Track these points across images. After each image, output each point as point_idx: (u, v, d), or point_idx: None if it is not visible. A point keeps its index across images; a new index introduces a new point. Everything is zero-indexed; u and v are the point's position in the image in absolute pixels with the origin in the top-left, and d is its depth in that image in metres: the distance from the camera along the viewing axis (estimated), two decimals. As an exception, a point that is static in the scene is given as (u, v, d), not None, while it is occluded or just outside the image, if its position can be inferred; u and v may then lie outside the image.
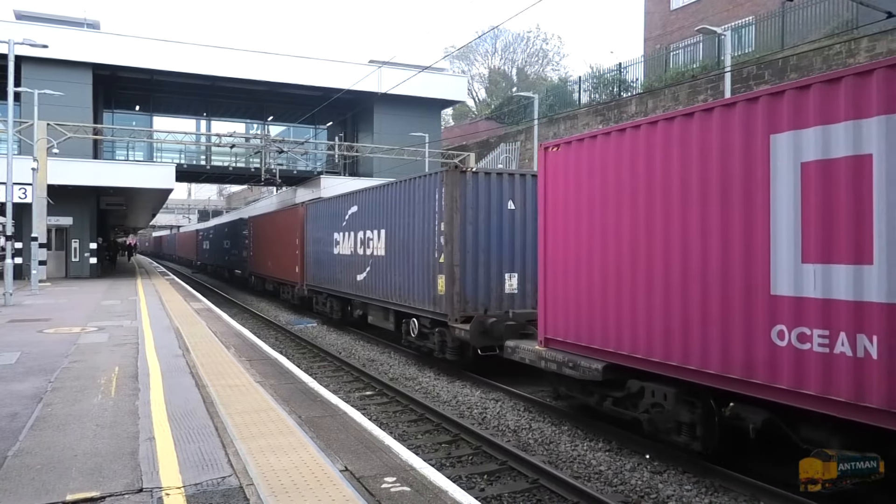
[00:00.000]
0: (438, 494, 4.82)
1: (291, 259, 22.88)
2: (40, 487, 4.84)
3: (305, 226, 21.41)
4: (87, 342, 11.65)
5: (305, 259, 21.35)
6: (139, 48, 30.03)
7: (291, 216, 23.48)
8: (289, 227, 23.61)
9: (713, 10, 28.51)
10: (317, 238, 20.07)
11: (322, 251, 19.45)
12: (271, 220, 27.68)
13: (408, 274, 13.47)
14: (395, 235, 14.14)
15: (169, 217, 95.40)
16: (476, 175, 11.89)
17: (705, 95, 22.26)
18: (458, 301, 11.69)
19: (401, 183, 14.05)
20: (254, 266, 30.56)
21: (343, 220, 17.48)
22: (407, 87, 27.03)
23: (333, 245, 18.25)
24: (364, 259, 15.85)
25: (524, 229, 12.01)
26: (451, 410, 10.15)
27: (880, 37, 17.55)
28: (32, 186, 23.56)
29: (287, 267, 23.62)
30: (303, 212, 21.91)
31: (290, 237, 23.10)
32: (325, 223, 19.23)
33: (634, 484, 7.11)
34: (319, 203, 20.54)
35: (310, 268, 20.89)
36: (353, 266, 16.69)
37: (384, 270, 14.72)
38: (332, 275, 18.46)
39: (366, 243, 15.75)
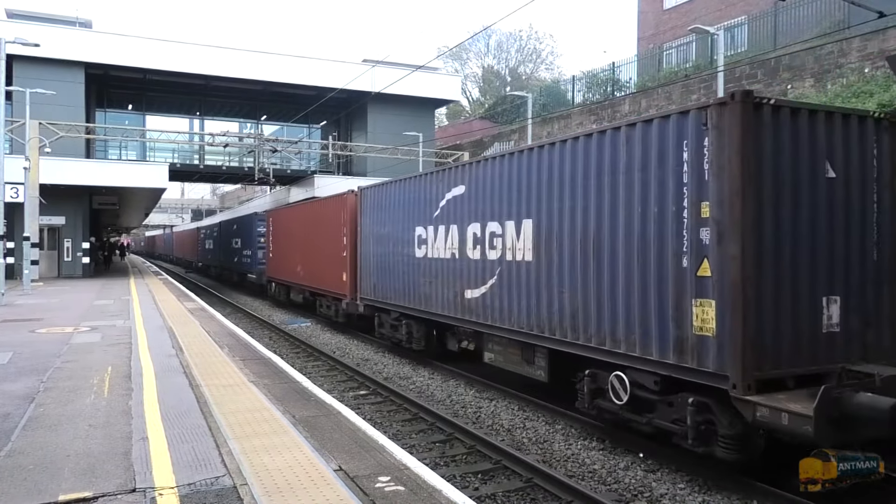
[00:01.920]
0: (433, 494, 4.82)
1: (335, 263, 17.63)
2: (32, 488, 4.82)
3: (360, 219, 16.03)
4: (80, 342, 11.60)
5: (360, 264, 15.93)
6: (132, 47, 29.90)
7: (335, 207, 17.90)
8: (330, 222, 18.24)
9: (706, 9, 28.59)
10: (381, 235, 14.77)
11: (390, 253, 14.19)
12: (302, 214, 22.03)
13: (596, 292, 8.07)
14: (560, 228, 8.74)
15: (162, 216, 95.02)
16: (778, 113, 6.55)
17: (698, 95, 22.33)
18: (752, 350, 6.22)
19: (576, 141, 8.53)
20: (274, 271, 25.45)
21: (434, 207, 12.30)
22: (400, 86, 26.97)
23: (414, 245, 13.11)
24: (481, 266, 10.54)
25: (847, 215, 6.86)
26: (446, 410, 10.16)
27: (872, 36, 17.64)
28: (24, 186, 23.50)
29: (328, 273, 18.35)
30: (354, 200, 16.56)
31: (333, 234, 17.88)
32: (398, 214, 13.94)
33: (628, 483, 7.13)
34: (385, 187, 14.77)
35: (368, 275, 15.45)
36: (456, 275, 11.37)
37: (531, 284, 9.30)
38: (410, 287, 13.24)
39: (485, 242, 10.54)
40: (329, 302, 19.01)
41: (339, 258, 17.29)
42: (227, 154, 35.46)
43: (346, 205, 16.94)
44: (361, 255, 15.91)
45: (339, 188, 20.68)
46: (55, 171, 25.71)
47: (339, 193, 17.82)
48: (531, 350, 9.67)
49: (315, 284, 19.90)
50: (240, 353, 10.77)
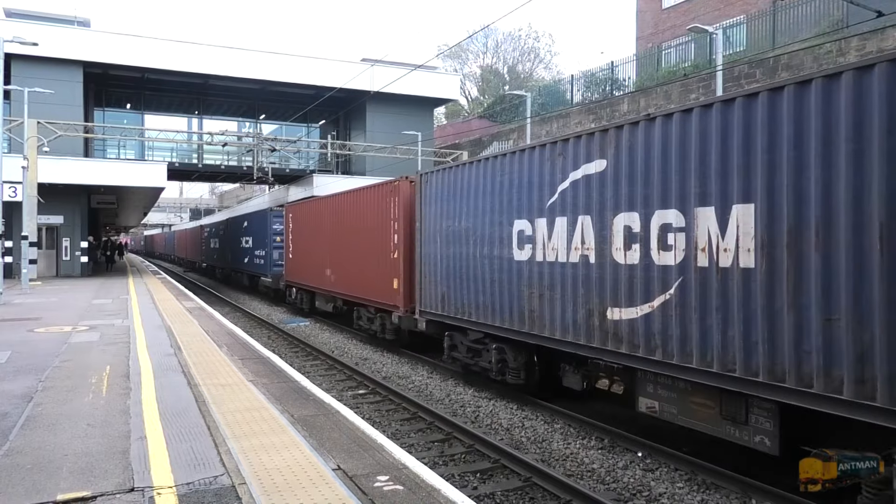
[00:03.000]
0: (431, 493, 4.82)
1: (382, 267, 14.45)
2: (31, 487, 4.81)
3: (421, 211, 12.60)
4: (79, 341, 11.59)
5: (421, 268, 12.61)
6: (130, 46, 29.86)
7: (382, 197, 14.68)
8: (374, 216, 15.06)
9: (705, 8, 28.59)
10: (455, 232, 11.34)
11: (471, 256, 10.78)
12: (332, 207, 18.46)
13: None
14: (826, 217, 5.60)
15: (161, 216, 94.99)
16: None
17: (697, 94, 22.34)
18: None
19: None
20: (294, 274, 22.15)
21: (548, 192, 8.95)
22: (399, 85, 27.02)
23: (511, 244, 9.71)
24: (642, 274, 7.36)
25: None
26: (444, 409, 10.16)
27: (870, 36, 17.65)
28: (23, 185, 23.48)
29: (371, 279, 15.11)
30: (410, 189, 13.52)
31: (379, 231, 14.72)
32: (483, 204, 10.46)
33: (627, 482, 7.13)
34: (461, 170, 11.25)
35: (433, 283, 12.17)
36: (590, 287, 8.12)
37: (749, 303, 6.23)
38: (504, 300, 9.88)
39: (649, 240, 7.27)
40: (371, 314, 15.57)
41: (388, 261, 14.03)
42: (226, 153, 35.45)
43: (398, 194, 13.76)
44: (423, 256, 12.48)
45: (338, 187, 20.26)
46: (53, 170, 25.68)
47: (388, 180, 14.73)
48: (739, 403, 6.60)
49: (352, 292, 16.56)
50: (238, 353, 10.76)
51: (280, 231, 24.53)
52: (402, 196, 13.69)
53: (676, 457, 7.57)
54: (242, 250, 30.85)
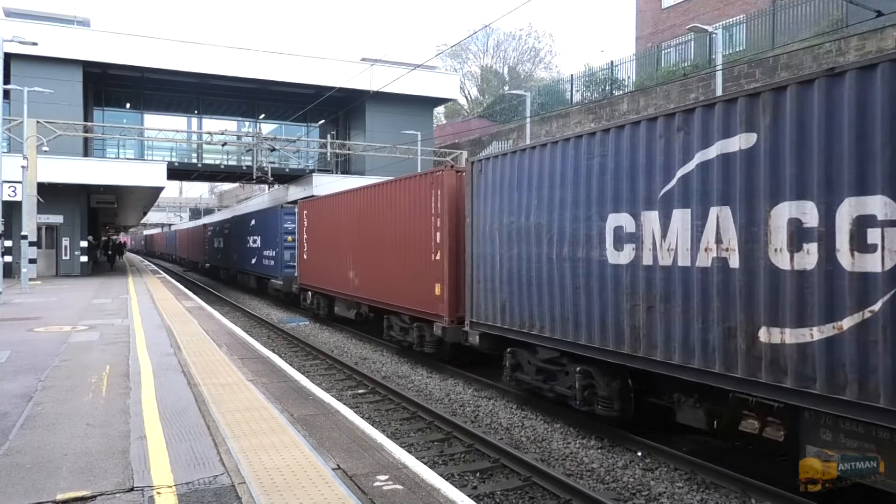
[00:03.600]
0: (431, 492, 4.82)
1: (421, 270, 12.61)
2: (30, 487, 4.82)
3: (472, 205, 10.76)
4: (78, 341, 11.59)
5: (472, 272, 10.76)
6: (129, 46, 29.85)
7: (421, 190, 12.74)
8: (411, 212, 13.16)
9: (704, 8, 28.60)
10: (519, 229, 9.51)
11: (543, 258, 8.98)
12: (357, 203, 16.41)
13: None
14: None
15: (160, 215, 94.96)
16: None
17: (696, 94, 22.34)
18: None
19: None
20: (310, 276, 20.29)
21: (661, 178, 7.17)
22: (399, 84, 26.99)
23: (603, 244, 7.94)
24: (823, 283, 5.60)
25: None
26: (444, 408, 10.16)
27: (870, 35, 17.66)
28: (22, 184, 23.47)
29: (406, 284, 13.25)
30: (456, 179, 11.87)
31: (417, 229, 12.82)
32: (562, 194, 8.64)
33: (626, 481, 7.14)
34: (528, 154, 9.47)
35: (489, 290, 10.30)
36: (730, 299, 6.39)
37: None
38: (591, 312, 8.12)
39: (835, 237, 5.52)
40: (406, 323, 13.71)
41: (429, 263, 12.24)
42: (226, 153, 35.45)
43: (440, 186, 11.93)
44: (475, 258, 10.62)
45: (338, 187, 19.95)
46: (53, 169, 25.68)
47: (430, 171, 13.03)
48: None
49: (381, 298, 14.71)
50: (238, 352, 10.76)
51: (292, 230, 22.92)
52: (446, 188, 11.79)
53: (676, 456, 7.57)
54: (250, 251, 29.03)
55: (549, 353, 9.15)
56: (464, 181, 11.38)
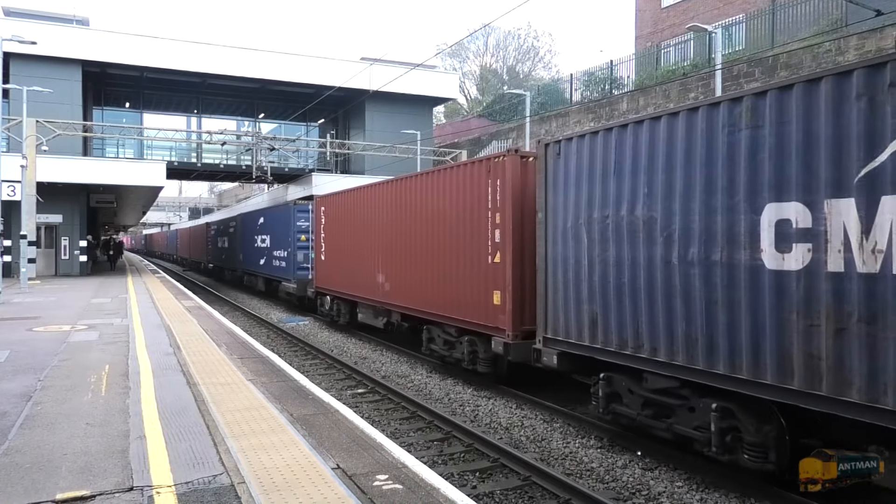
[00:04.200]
0: (430, 492, 4.82)
1: (474, 275, 10.79)
2: (30, 486, 4.81)
3: (547, 196, 8.98)
4: (78, 340, 11.58)
5: (546, 278, 8.97)
6: (129, 45, 29.84)
7: (474, 181, 10.85)
8: (460, 206, 11.26)
9: (704, 7, 28.60)
10: (619, 225, 7.74)
11: (658, 261, 7.16)
12: (390, 197, 14.40)
13: None
14: None
15: (160, 214, 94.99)
16: None
17: (696, 93, 22.34)
18: None
19: None
20: (328, 280, 18.51)
21: (868, 156, 5.32)
22: (398, 84, 27.00)
23: (758, 243, 6.12)
24: None
25: None
26: (443, 408, 10.15)
27: (869, 35, 17.66)
28: (21, 184, 23.45)
29: (455, 292, 11.38)
30: (522, 169, 9.98)
31: (468, 227, 10.98)
32: (681, 179, 6.94)
33: (626, 481, 7.14)
34: (626, 133, 7.70)
35: (571, 300, 8.52)
36: None
37: None
38: (734, 333, 6.32)
39: None
40: (453, 336, 11.81)
41: (485, 267, 10.43)
42: (225, 152, 35.44)
43: (500, 175, 10.05)
44: (551, 261, 8.80)
45: (337, 187, 19.56)
46: (52, 169, 25.67)
47: (486, 157, 10.82)
48: None
49: (418, 305, 12.80)
50: (237, 352, 10.76)
51: (306, 228, 21.53)
52: (508, 177, 9.88)
53: (675, 456, 7.57)
54: (257, 251, 27.25)
55: (665, 381, 7.19)
56: (532, 168, 9.63)
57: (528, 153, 10.14)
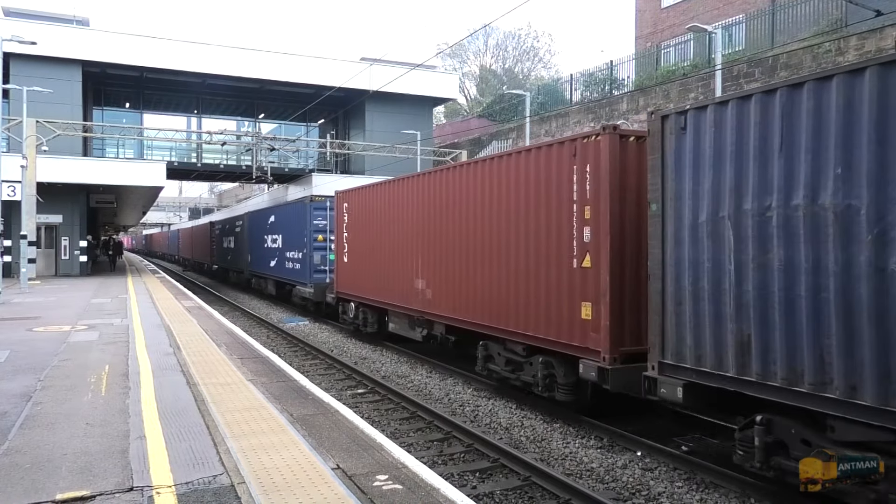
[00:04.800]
0: (430, 492, 4.82)
1: (553, 282, 8.93)
2: (30, 486, 4.81)
3: (664, 183, 7.06)
4: (77, 340, 11.58)
5: (665, 287, 7.00)
6: (129, 45, 29.85)
7: (551, 167, 9.03)
8: (532, 199, 9.41)
9: (704, 7, 28.61)
10: (787, 220, 5.85)
11: (861, 267, 5.28)
12: (432, 190, 12.49)
13: None
14: None
15: (160, 214, 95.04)
16: None
17: (696, 93, 22.34)
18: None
19: None
20: (352, 284, 16.61)
21: None
22: (398, 84, 26.97)
23: None
24: None
25: None
26: (443, 408, 10.15)
27: (869, 35, 17.65)
28: (22, 184, 23.47)
29: (526, 301, 9.49)
30: (621, 152, 8.10)
31: (545, 224, 9.13)
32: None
33: (626, 481, 7.13)
34: (810, 91, 5.66)
35: (705, 317, 6.53)
36: None
37: None
38: None
39: None
40: (521, 356, 9.78)
41: (568, 272, 8.59)
42: (225, 152, 35.46)
43: (593, 158, 8.19)
44: (671, 266, 6.92)
45: (337, 187, 19.38)
46: (52, 169, 25.68)
47: (569, 137, 8.98)
48: None
49: (474, 317, 10.84)
50: (237, 352, 10.76)
51: (322, 228, 20.02)
52: (602, 161, 7.99)
53: (675, 456, 7.57)
54: (268, 252, 25.52)
55: (869, 433, 5.35)
56: (633, 150, 8.03)
57: (628, 131, 8.37)
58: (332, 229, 18.97)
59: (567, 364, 8.80)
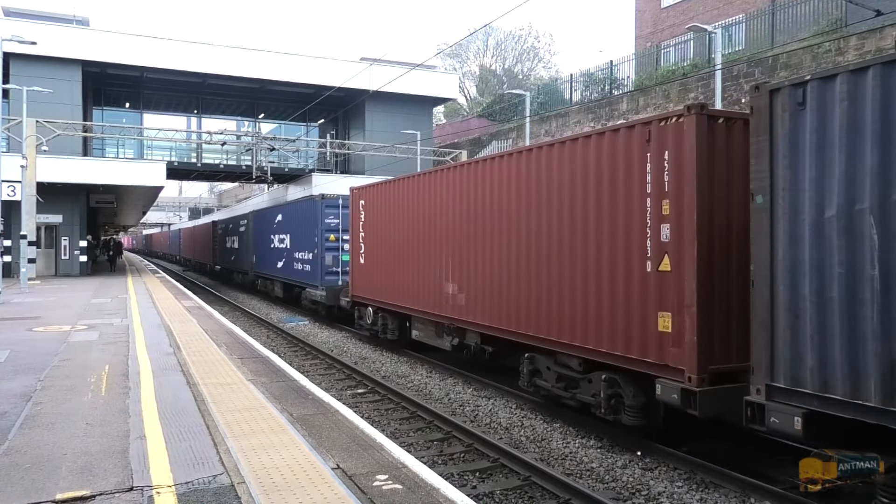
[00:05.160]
0: (430, 492, 4.82)
1: (622, 288, 7.71)
2: (30, 486, 4.81)
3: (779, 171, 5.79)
4: (77, 340, 11.58)
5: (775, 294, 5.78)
6: (129, 45, 29.86)
7: (619, 153, 7.80)
8: (596, 190, 8.14)
9: (704, 7, 28.60)
10: None
11: None
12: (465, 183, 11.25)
13: None
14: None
15: (159, 214, 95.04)
16: None
17: (696, 93, 22.34)
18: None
19: None
20: (370, 287, 15.35)
21: None
22: (398, 84, 26.98)
23: None
24: None
25: None
26: (443, 408, 10.15)
27: (869, 35, 17.65)
28: (22, 184, 23.47)
29: (588, 310, 8.25)
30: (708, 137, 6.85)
31: (611, 220, 7.90)
32: None
33: (626, 481, 7.13)
34: None
35: (844, 331, 5.24)
36: None
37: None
38: None
39: None
40: (576, 371, 8.62)
41: (640, 277, 7.46)
42: (225, 152, 35.46)
43: (673, 144, 7.07)
44: (784, 269, 5.73)
45: (337, 187, 19.29)
46: (52, 169, 25.69)
47: (640, 120, 7.74)
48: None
49: (519, 326, 9.59)
50: (237, 352, 10.76)
51: (335, 227, 19.06)
52: (688, 147, 6.83)
53: (675, 456, 7.57)
54: (274, 252, 24.46)
55: None
56: (722, 134, 6.91)
57: (717, 111, 7.30)
58: (345, 228, 18.18)
59: (636, 383, 7.65)
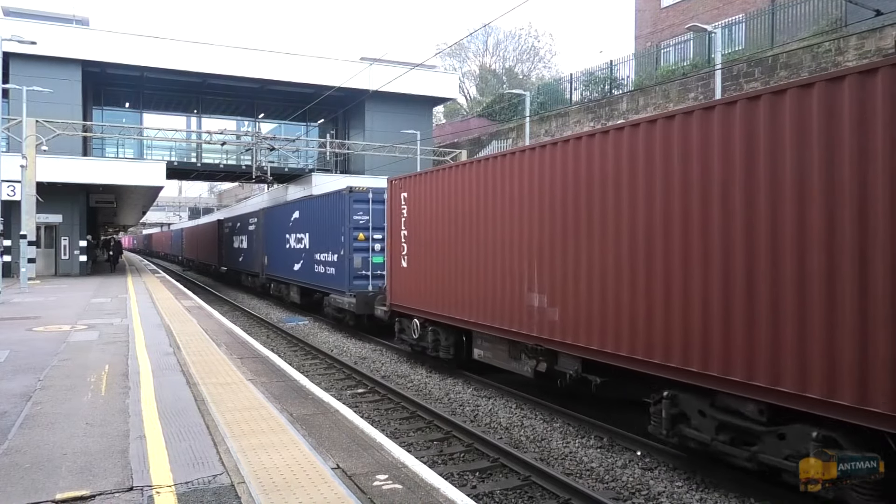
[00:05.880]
0: (430, 492, 4.82)
1: (836, 304, 5.29)
2: (30, 486, 4.81)
3: None
4: (77, 340, 11.58)
5: None
6: (129, 45, 29.84)
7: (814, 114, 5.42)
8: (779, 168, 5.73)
9: (704, 7, 28.60)
10: None
11: None
12: (556, 167, 8.70)
13: None
14: None
15: (159, 214, 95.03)
16: None
17: (696, 93, 22.34)
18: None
19: None
20: (413, 295, 12.97)
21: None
22: (398, 84, 26.99)
23: None
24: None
25: None
26: (443, 408, 10.15)
27: (869, 34, 17.65)
28: (21, 184, 23.47)
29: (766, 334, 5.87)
30: None
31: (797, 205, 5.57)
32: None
33: (626, 481, 7.13)
34: None
35: None
36: None
37: None
38: None
39: None
40: (755, 420, 6.26)
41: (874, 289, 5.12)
42: (225, 152, 35.45)
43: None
44: None
45: (338, 186, 19.10)
46: (52, 168, 25.68)
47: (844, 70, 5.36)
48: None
49: (648, 352, 7.20)
50: (237, 352, 10.76)
51: (364, 224, 16.97)
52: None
53: (675, 456, 7.57)
54: (290, 253, 22.15)
55: None
56: None
57: None
58: (375, 226, 16.68)
59: (867, 444, 5.43)
